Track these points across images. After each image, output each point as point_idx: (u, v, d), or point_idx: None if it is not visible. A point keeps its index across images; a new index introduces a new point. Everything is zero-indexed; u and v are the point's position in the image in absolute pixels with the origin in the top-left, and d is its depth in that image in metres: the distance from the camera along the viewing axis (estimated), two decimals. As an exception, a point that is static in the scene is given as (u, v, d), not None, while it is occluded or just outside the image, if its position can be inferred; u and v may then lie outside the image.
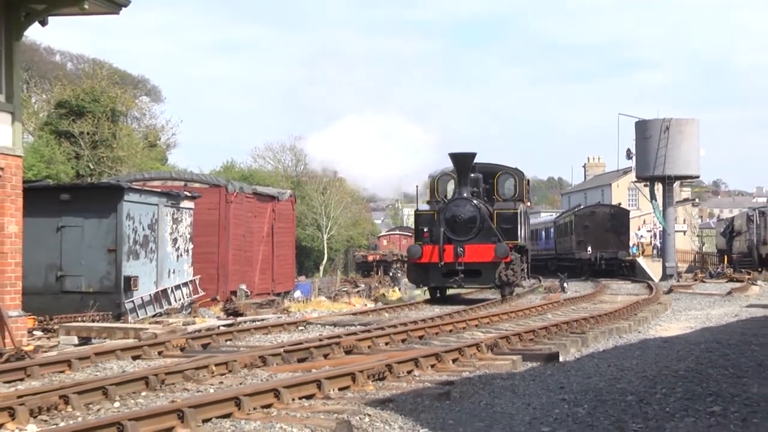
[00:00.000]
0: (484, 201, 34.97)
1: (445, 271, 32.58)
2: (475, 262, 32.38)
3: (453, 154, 34.18)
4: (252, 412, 11.10)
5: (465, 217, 33.11)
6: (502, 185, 37.21)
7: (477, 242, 32.71)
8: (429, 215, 34.76)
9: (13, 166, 21.48)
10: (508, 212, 34.65)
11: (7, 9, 21.54)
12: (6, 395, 12.29)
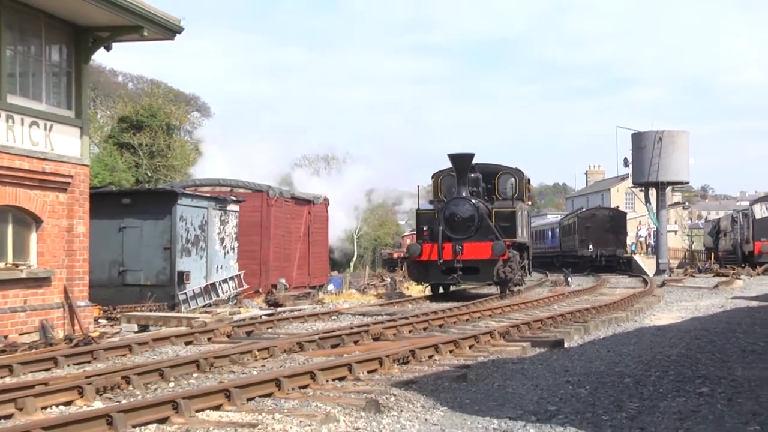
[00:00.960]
0: (485, 200, 32.90)
1: (444, 268, 30.46)
2: (473, 260, 30.15)
3: (452, 154, 32.09)
4: (290, 392, 11.16)
5: (463, 216, 30.93)
6: (502, 185, 34.85)
7: (475, 240, 30.44)
8: (430, 214, 32.74)
9: (81, 174, 21.68)
10: (506, 211, 32.38)
11: (77, 36, 21.78)
12: (75, 375, 12.38)
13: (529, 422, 9.51)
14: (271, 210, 34.86)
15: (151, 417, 9.47)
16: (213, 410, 10.10)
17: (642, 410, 10.20)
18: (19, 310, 19.55)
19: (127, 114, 61.30)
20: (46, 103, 20.99)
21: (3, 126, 19.44)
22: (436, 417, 10.09)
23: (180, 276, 26.71)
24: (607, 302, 27.41)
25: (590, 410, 10.17)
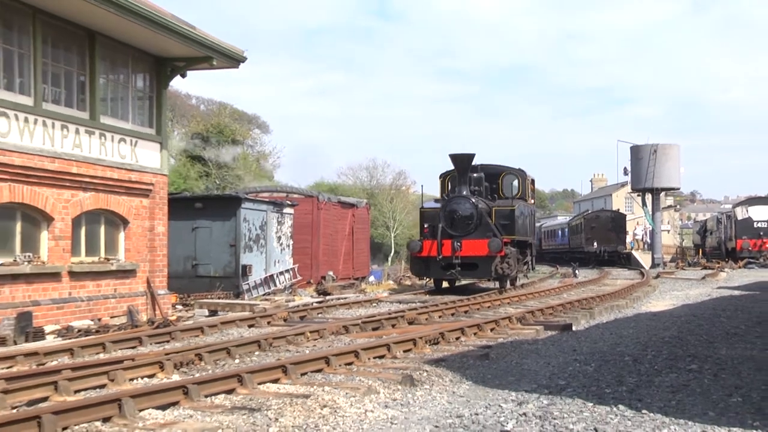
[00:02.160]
0: (489, 199, 30.05)
1: (443, 264, 27.59)
2: (471, 256, 27.21)
3: (453, 154, 29.04)
4: (338, 368, 11.18)
5: (463, 214, 27.94)
6: (506, 185, 31.54)
7: (474, 237, 27.53)
8: (433, 212, 29.35)
9: (160, 182, 21.85)
10: (505, 209, 29.21)
11: (158, 66, 21.98)
12: (156, 353, 12.46)
13: (542, 394, 9.48)
14: (321, 213, 34.98)
15: (220, 388, 9.57)
16: (272, 383, 10.17)
17: (640, 384, 10.15)
18: (110, 297, 19.75)
19: (198, 131, 61.70)
20: (132, 122, 21.20)
21: (97, 142, 19.65)
22: (462, 390, 10.09)
23: (243, 269, 26.85)
24: (609, 292, 27.31)
25: (595, 384, 10.13)
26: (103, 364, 11.05)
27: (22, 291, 17.30)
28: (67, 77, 19.13)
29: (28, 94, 17.77)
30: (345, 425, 8.16)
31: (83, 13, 18.32)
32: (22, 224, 17.75)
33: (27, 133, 17.56)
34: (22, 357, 12.54)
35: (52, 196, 18.23)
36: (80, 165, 18.94)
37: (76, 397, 9.34)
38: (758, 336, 15.23)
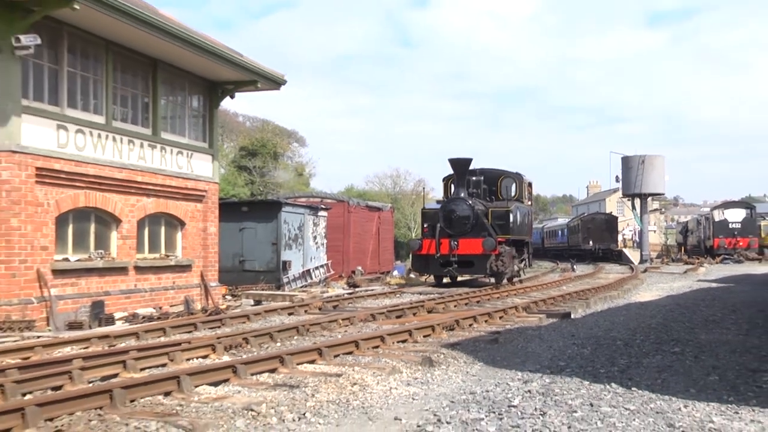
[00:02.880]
0: (488, 201, 28.52)
1: (441, 261, 26.29)
2: (467, 254, 25.84)
3: (451, 159, 27.50)
4: (366, 351, 11.20)
5: (460, 215, 26.36)
6: (504, 188, 29.70)
7: (470, 237, 26.00)
8: (433, 212, 27.69)
9: (212, 189, 21.97)
10: (501, 210, 27.46)
11: (210, 89, 22.12)
12: (209, 337, 12.51)
13: (545, 374, 9.46)
14: (351, 215, 35.02)
15: (264, 368, 9.60)
16: (309, 363, 10.19)
17: (630, 365, 10.11)
18: (169, 289, 19.89)
19: (244, 144, 62.01)
20: (188, 137, 21.34)
21: (158, 155, 19.79)
22: (474, 370, 10.07)
23: (284, 264, 26.91)
24: (603, 284, 27.26)
25: (591, 365, 10.10)
26: (164, 346, 11.11)
27: (95, 283, 17.47)
28: (134, 99, 19.29)
29: (100, 113, 17.94)
30: (372, 400, 8.17)
31: (148, 44, 18.49)
32: (96, 225, 17.93)
33: (100, 147, 17.72)
34: (96, 339, 12.67)
35: (120, 201, 18.39)
36: (144, 174, 19.09)
37: (141, 374, 9.41)
38: (733, 323, 15.18)
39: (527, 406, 7.69)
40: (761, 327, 14.40)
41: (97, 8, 15.76)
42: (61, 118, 16.70)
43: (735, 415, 7.35)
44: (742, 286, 27.36)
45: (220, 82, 22.10)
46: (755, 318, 16.08)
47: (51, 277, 16.11)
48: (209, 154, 22.11)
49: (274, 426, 7.07)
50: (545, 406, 7.68)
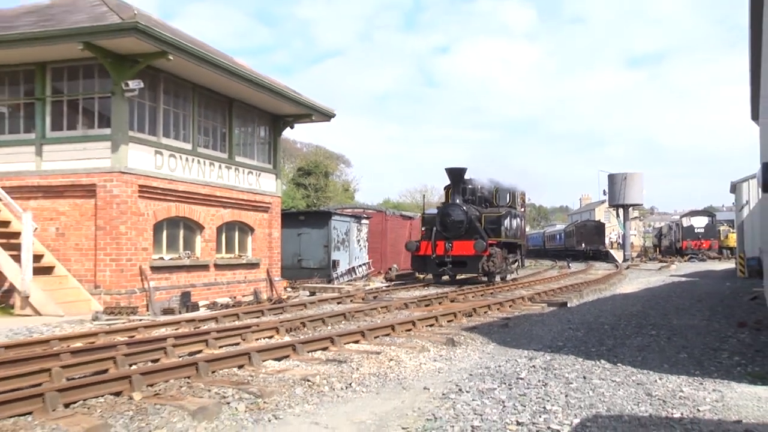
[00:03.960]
0: (483, 207, 26.30)
1: (437, 261, 23.99)
2: (461, 255, 23.56)
3: (448, 168, 25.28)
4: (400, 333, 11.18)
5: (455, 219, 24.11)
6: (499, 196, 27.41)
7: (464, 239, 23.79)
8: (432, 217, 25.39)
9: (275, 202, 22.11)
10: (493, 216, 25.31)
11: (274, 121, 22.29)
12: (274, 321, 12.56)
13: (546, 352, 9.39)
14: (387, 223, 34.98)
15: (317, 346, 9.61)
16: (354, 343, 10.19)
17: (615, 345, 10.01)
18: (241, 282, 20.03)
19: (301, 165, 62.25)
20: (256, 160, 21.51)
21: (233, 174, 19.97)
22: (489, 349, 10.04)
23: (333, 263, 26.97)
24: (593, 279, 27.00)
25: (584, 345, 10.01)
26: (238, 329, 11.16)
27: (184, 277, 17.67)
28: (214, 130, 19.51)
29: (188, 141, 18.16)
30: (406, 373, 8.18)
31: (225, 86, 18.70)
32: (184, 231, 18.12)
33: (187, 168, 17.93)
34: (185, 322, 12.79)
35: (203, 212, 18.58)
36: (222, 190, 19.27)
37: (220, 350, 9.47)
38: (698, 310, 15.01)
39: (532, 378, 7.65)
40: (720, 313, 14.24)
41: (186, 59, 16.01)
42: (157, 145, 16.95)
43: (700, 385, 7.32)
44: (705, 280, 26.99)
45: (282, 115, 22.28)
46: (716, 306, 15.90)
47: (150, 272, 16.33)
48: (273, 174, 22.29)
49: (326, 393, 7.11)
50: (547, 378, 7.65)
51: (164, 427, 5.80)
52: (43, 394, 6.26)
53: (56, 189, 16.08)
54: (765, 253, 16.13)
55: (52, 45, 15.13)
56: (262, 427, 5.95)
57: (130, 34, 14.39)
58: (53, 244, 16.03)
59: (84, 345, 9.81)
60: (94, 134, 16.07)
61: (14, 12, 17.76)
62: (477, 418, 6.05)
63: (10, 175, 16.29)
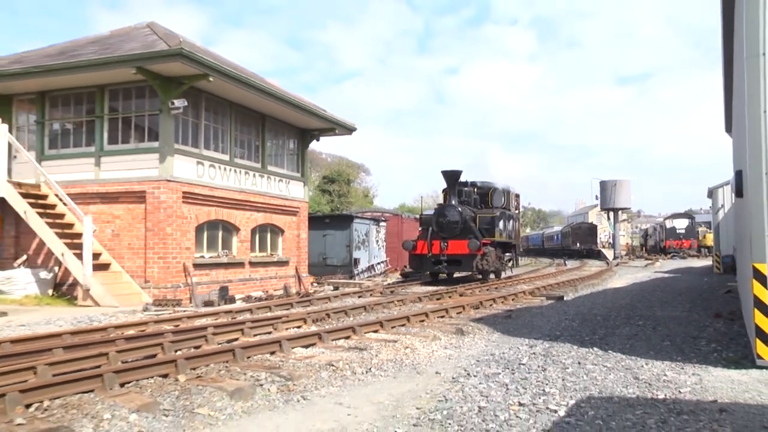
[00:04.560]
0: (479, 208, 24.45)
1: (433, 260, 22.26)
2: (455, 254, 21.88)
3: (444, 171, 23.48)
4: (414, 324, 11.15)
5: (450, 219, 22.39)
6: (495, 198, 25.23)
7: (458, 239, 22.12)
8: (429, 218, 23.53)
9: (303, 206, 22.17)
10: (487, 216, 23.63)
11: (302, 134, 22.36)
12: (301, 312, 12.58)
13: (545, 340, 9.35)
14: (403, 225, 34.91)
15: (341, 335, 9.62)
16: (373, 332, 10.19)
17: (607, 334, 9.95)
18: (273, 278, 20.11)
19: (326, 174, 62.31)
20: (286, 169, 21.59)
21: (265, 182, 20.06)
22: (494, 337, 10.00)
23: (355, 260, 26.99)
24: (587, 275, 26.74)
25: (578, 334, 9.96)
26: (270, 319, 11.20)
27: (222, 273, 17.77)
28: (248, 142, 19.61)
29: (226, 153, 18.28)
30: (419, 359, 8.18)
31: (259, 104, 18.81)
32: (222, 232, 18.23)
33: (225, 176, 18.05)
34: (223, 313, 12.84)
35: (239, 215, 18.69)
36: (256, 196, 19.38)
37: (254, 338, 9.52)
38: (680, 303, 14.90)
39: (532, 364, 7.63)
40: (699, 306, 14.11)
41: (224, 80, 16.13)
42: (199, 156, 17.07)
43: (681, 370, 7.29)
44: (686, 276, 26.73)
45: (309, 129, 22.35)
46: (695, 299, 15.75)
47: (192, 269, 16.45)
48: (301, 181, 22.37)
49: (348, 377, 7.12)
50: (546, 364, 7.62)
51: (206, 405, 5.85)
52: (103, 374, 6.36)
53: (112, 195, 16.27)
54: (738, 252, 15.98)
55: (110, 70, 15.34)
56: (292, 407, 5.98)
57: (176, 60, 14.55)
58: (109, 243, 16.22)
59: (136, 332, 9.89)
60: (144, 147, 16.24)
61: (81, 42, 18.04)
62: (483, 400, 6.05)
63: (74, 183, 16.52)
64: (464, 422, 5.38)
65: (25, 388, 5.85)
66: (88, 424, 5.26)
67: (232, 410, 5.79)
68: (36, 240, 16.39)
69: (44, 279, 15.82)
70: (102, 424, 5.26)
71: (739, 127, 9.59)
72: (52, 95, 17.24)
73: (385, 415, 5.69)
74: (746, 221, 8.21)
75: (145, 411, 5.56)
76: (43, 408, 5.74)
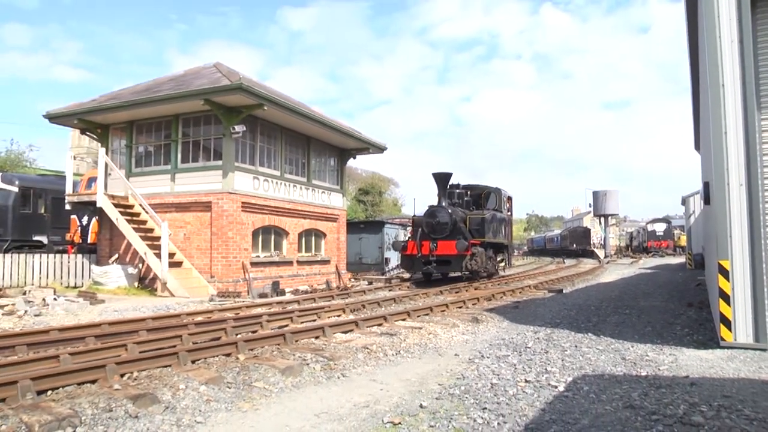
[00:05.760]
0: (471, 210, 21.12)
1: (424, 260, 19.25)
2: (445, 255, 18.82)
3: (434, 173, 20.33)
4: (437, 313, 11.11)
5: (441, 221, 19.29)
6: (486, 200, 22.10)
7: (448, 239, 19.19)
8: (421, 219, 20.07)
9: (342, 214, 22.17)
10: (477, 217, 20.31)
11: (341, 153, 22.37)
12: (341, 304, 12.58)
13: (547, 327, 9.26)
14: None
15: (374, 323, 9.60)
16: (401, 321, 10.15)
17: (599, 322, 9.82)
18: (317, 274, 20.16)
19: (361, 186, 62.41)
20: (328, 182, 21.67)
21: (310, 193, 20.17)
22: (504, 325, 9.92)
23: (386, 260, 26.87)
24: (582, 271, 26.34)
25: (575, 322, 9.84)
26: (314, 309, 11.23)
27: (274, 270, 17.91)
28: (296, 160, 19.76)
29: (277, 169, 18.46)
30: (441, 342, 8.17)
31: (305, 128, 18.95)
32: (274, 236, 18.38)
33: (276, 189, 18.22)
34: (275, 303, 12.87)
35: (288, 221, 18.83)
36: (302, 205, 19.50)
37: (301, 325, 9.56)
38: (659, 294, 14.66)
39: (537, 347, 7.57)
40: (675, 297, 13.87)
41: (276, 109, 16.33)
42: (255, 172, 17.29)
43: (660, 351, 7.23)
44: (664, 272, 26.25)
45: (347, 148, 22.42)
46: (672, 291, 15.49)
47: (249, 266, 16.62)
48: (340, 193, 22.45)
49: (380, 358, 7.15)
50: (548, 347, 7.56)
51: (261, 380, 5.93)
52: (178, 353, 6.48)
53: (184, 205, 16.56)
54: (706, 250, 15.71)
55: (183, 102, 15.65)
56: (333, 382, 6.04)
57: (237, 92, 14.78)
58: (182, 245, 16.50)
59: (204, 319, 10.03)
60: (210, 165, 16.50)
61: (161, 80, 18.46)
62: (495, 377, 6.03)
63: (154, 195, 16.86)
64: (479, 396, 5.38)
65: (120, 361, 6.03)
66: (167, 392, 5.39)
67: (283, 384, 5.87)
68: (125, 242, 16.78)
69: (131, 273, 16.16)
70: (178, 393, 5.39)
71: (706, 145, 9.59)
72: (138, 123, 17.65)
73: (412, 390, 5.72)
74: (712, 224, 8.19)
75: (212, 383, 5.67)
76: (133, 378, 5.90)
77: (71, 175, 17.60)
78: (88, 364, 5.85)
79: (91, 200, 16.75)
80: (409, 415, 4.88)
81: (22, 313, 11.03)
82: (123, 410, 4.85)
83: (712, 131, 7.11)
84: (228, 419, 4.89)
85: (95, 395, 5.17)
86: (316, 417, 4.92)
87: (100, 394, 5.19)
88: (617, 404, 5.04)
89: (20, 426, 4.43)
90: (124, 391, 5.26)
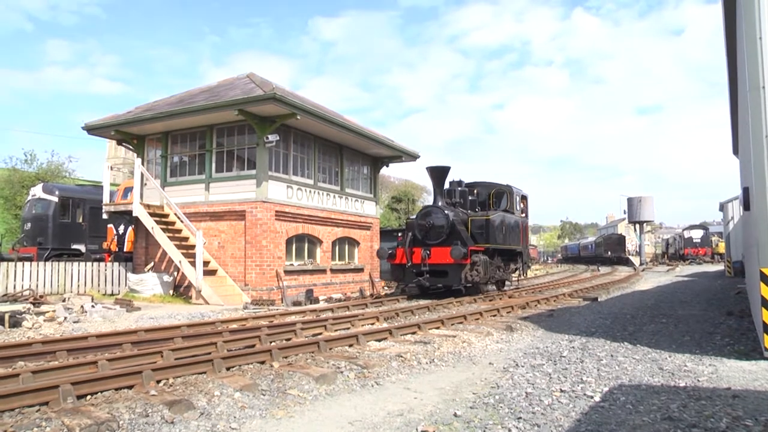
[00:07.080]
0: (476, 211, 17.98)
1: (415, 270, 16.10)
2: (439, 264, 15.79)
3: (429, 167, 16.95)
4: (471, 321, 11.01)
5: (435, 224, 16.24)
6: (497, 199, 18.65)
7: (444, 245, 15.99)
8: (413, 222, 16.98)
9: (375, 222, 22.23)
10: (480, 219, 16.76)
11: (374, 161, 22.48)
12: (375, 312, 12.52)
13: (582, 336, 9.12)
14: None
15: (408, 331, 9.56)
16: (435, 329, 10.09)
17: (635, 330, 9.62)
18: (350, 282, 20.22)
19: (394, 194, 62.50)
20: (361, 191, 21.79)
21: (344, 202, 20.30)
22: (538, 333, 9.81)
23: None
24: (617, 279, 25.86)
25: (611, 331, 9.66)
26: (348, 317, 11.25)
27: (308, 278, 18.04)
28: (329, 169, 19.93)
29: (310, 178, 18.65)
30: (475, 351, 8.11)
31: (338, 137, 19.12)
32: (308, 244, 18.53)
33: (310, 197, 18.40)
34: (309, 311, 12.97)
35: (322, 230, 18.98)
36: (336, 214, 19.63)
37: (335, 333, 9.58)
38: (698, 303, 14.32)
39: (572, 356, 7.46)
40: (714, 305, 13.50)
41: (309, 118, 16.54)
42: (288, 181, 17.51)
43: (699, 361, 7.06)
44: (701, 279, 25.57)
45: (380, 157, 22.51)
46: (711, 299, 15.08)
47: (283, 274, 16.79)
48: (373, 201, 22.52)
49: (414, 366, 7.12)
50: (583, 356, 7.44)
51: (295, 387, 5.99)
52: (213, 360, 6.58)
53: (218, 214, 16.87)
54: (746, 258, 15.20)
55: (217, 113, 15.99)
56: (367, 391, 6.05)
57: (270, 102, 15.04)
58: (216, 253, 16.80)
59: (238, 326, 10.13)
60: (244, 174, 16.79)
61: (195, 92, 18.93)
62: (530, 386, 5.97)
63: (189, 205, 17.25)
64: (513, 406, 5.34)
65: (156, 368, 6.16)
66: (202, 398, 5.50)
67: (317, 392, 5.91)
68: (160, 250, 17.19)
69: (166, 281, 16.52)
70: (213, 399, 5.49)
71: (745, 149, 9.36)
72: (173, 134, 18.11)
73: (446, 398, 5.70)
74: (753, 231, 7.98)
75: (247, 390, 5.75)
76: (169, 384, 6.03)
77: (108, 185, 18.16)
78: (125, 370, 6.00)
79: (128, 209, 17.23)
80: (443, 424, 4.87)
81: (62, 319, 11.41)
82: (159, 416, 4.97)
83: (752, 135, 6.95)
84: (262, 426, 4.96)
85: (132, 400, 5.31)
86: (350, 425, 4.95)
87: (137, 400, 5.32)
88: (655, 416, 4.93)
89: (62, 428, 4.60)
90: (160, 397, 5.39)
